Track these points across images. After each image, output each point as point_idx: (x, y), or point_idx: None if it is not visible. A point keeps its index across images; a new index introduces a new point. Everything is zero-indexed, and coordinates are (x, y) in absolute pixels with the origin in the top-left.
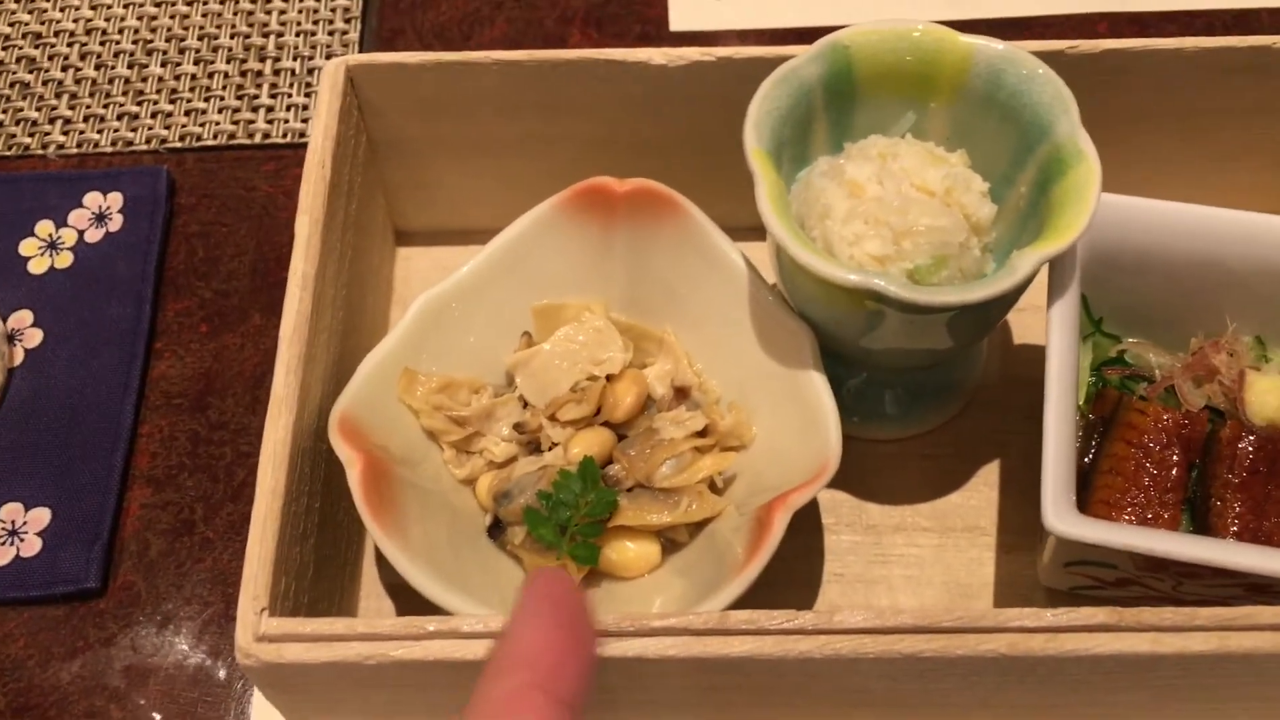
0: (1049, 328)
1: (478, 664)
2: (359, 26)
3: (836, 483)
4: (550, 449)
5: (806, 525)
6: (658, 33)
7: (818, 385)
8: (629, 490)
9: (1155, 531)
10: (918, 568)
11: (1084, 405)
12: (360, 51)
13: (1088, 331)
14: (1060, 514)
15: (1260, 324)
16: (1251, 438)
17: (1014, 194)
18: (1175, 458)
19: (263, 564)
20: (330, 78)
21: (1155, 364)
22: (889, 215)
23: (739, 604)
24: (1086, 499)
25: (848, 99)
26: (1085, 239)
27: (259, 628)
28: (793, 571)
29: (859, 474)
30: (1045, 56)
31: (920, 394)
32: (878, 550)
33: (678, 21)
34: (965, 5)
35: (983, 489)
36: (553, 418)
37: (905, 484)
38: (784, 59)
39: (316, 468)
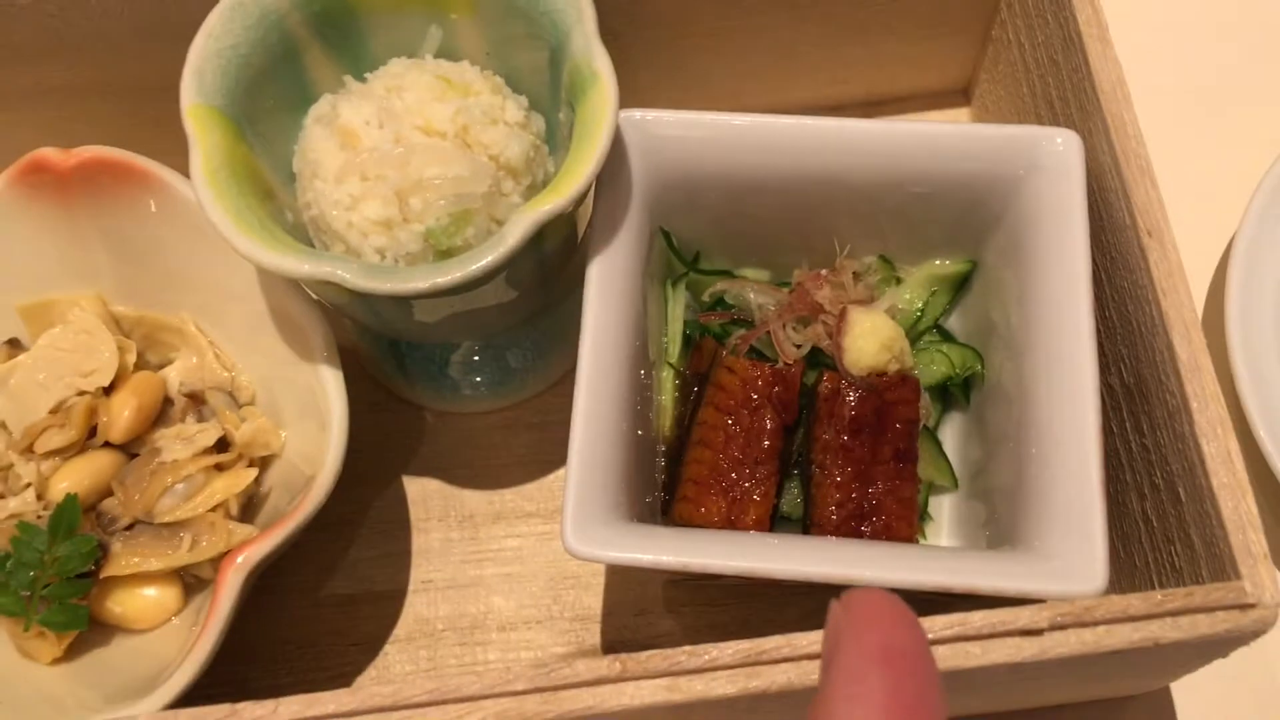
0: (586, 292)
1: None
2: None
3: (427, 469)
4: (25, 489)
5: (392, 525)
6: None
7: (330, 390)
8: (128, 529)
9: (694, 539)
10: (518, 563)
11: (678, 361)
12: None
13: (681, 272)
14: (580, 535)
15: (885, 242)
16: (853, 392)
17: (567, 114)
18: (768, 422)
19: None
20: None
21: (756, 304)
22: (388, 168)
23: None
24: (678, 476)
25: (346, 20)
26: (652, 162)
27: None
28: (376, 586)
29: (454, 455)
30: None
31: (522, 353)
32: (474, 547)
33: None
34: None
35: None
36: (30, 449)
37: (509, 462)
38: None
39: None
